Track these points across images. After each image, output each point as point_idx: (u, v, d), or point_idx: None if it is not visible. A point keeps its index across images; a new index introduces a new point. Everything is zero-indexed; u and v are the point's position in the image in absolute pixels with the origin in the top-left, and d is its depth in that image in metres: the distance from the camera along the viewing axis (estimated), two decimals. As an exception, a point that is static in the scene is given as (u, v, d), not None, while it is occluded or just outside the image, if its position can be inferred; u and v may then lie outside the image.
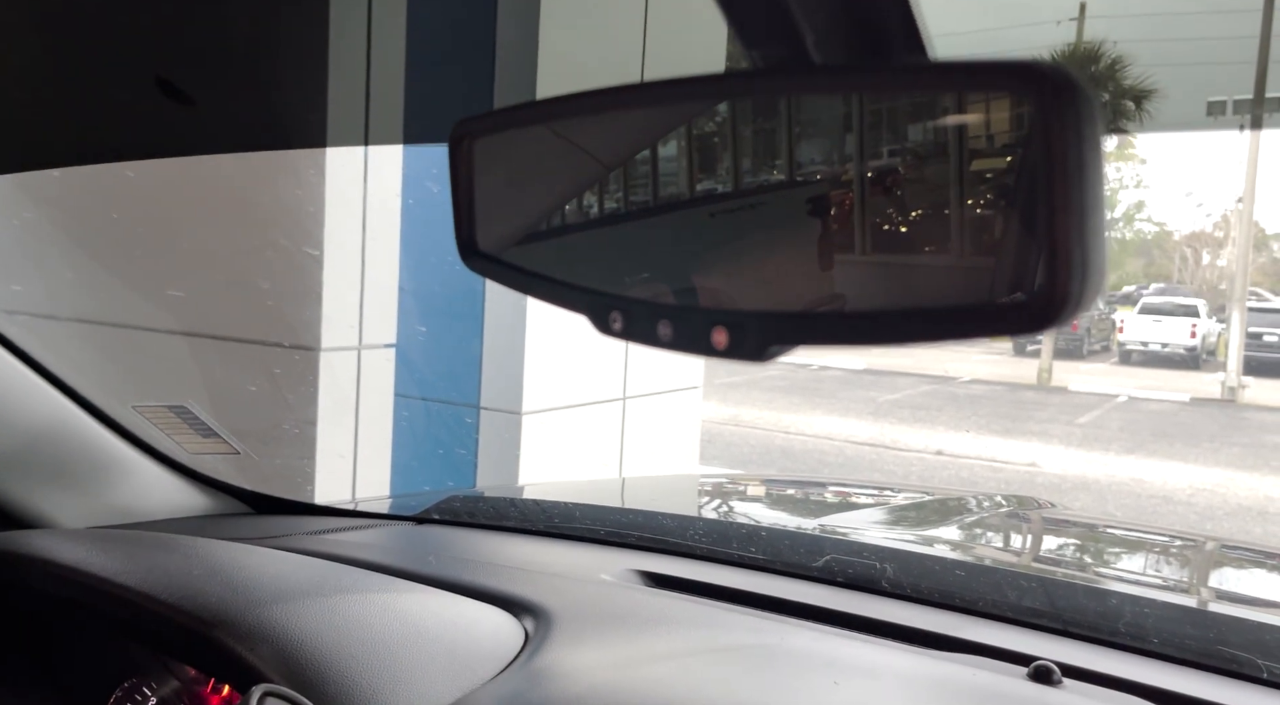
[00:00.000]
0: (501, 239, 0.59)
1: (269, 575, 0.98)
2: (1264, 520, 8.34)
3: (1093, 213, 0.32)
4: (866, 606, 1.15)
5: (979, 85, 0.36)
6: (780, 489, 2.32)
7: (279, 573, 1.00)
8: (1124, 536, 1.91)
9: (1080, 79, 0.32)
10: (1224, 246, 30.92)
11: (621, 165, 0.54)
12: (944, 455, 10.21)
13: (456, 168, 0.58)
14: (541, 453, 4.56)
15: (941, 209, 0.37)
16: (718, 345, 0.42)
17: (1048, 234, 0.32)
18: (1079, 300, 0.32)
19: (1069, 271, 0.32)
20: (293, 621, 0.86)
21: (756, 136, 0.49)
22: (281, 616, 0.87)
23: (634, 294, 0.49)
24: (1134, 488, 9.21)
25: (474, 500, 1.60)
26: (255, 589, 0.92)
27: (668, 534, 1.37)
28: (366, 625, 0.89)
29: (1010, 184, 0.35)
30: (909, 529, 1.65)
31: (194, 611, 0.88)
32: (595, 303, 0.50)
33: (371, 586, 1.00)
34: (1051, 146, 0.32)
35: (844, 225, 0.41)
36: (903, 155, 0.39)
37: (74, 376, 1.38)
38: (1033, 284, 0.33)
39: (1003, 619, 1.13)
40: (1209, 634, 1.08)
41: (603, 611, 1.07)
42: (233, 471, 1.55)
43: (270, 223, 3.53)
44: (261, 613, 0.87)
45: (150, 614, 0.91)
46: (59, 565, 0.99)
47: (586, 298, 0.51)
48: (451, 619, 0.97)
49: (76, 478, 1.38)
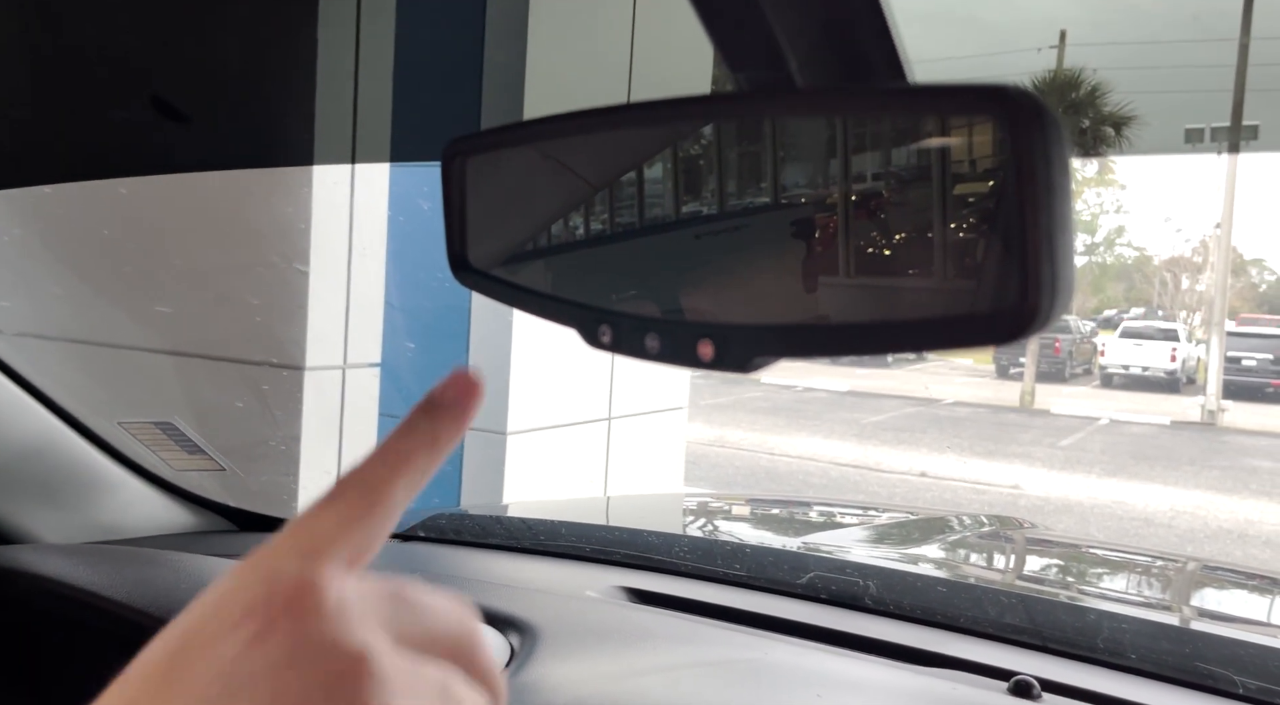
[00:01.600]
0: (492, 255, 0.60)
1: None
2: (1244, 543, 8.40)
3: (1060, 231, 0.34)
4: (850, 623, 1.16)
5: (952, 108, 0.37)
6: (764, 508, 2.33)
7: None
8: (1104, 556, 1.93)
9: (1047, 104, 0.34)
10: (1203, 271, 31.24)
11: (611, 184, 0.55)
12: (928, 477, 10.24)
13: (449, 185, 0.60)
14: (526, 473, 4.55)
15: (923, 230, 0.39)
16: (703, 357, 0.44)
17: (1019, 251, 0.34)
18: (1048, 313, 0.34)
19: (1039, 286, 0.34)
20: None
21: (741, 159, 0.50)
22: (269, 629, 0.87)
23: (622, 308, 0.50)
24: (1116, 510, 9.26)
25: (458, 518, 1.61)
26: (243, 602, 0.92)
27: (652, 551, 1.38)
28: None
29: (990, 206, 0.36)
30: (892, 547, 1.66)
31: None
32: (584, 316, 0.51)
33: (358, 600, 1.00)
34: (1020, 168, 0.34)
35: (828, 246, 0.43)
36: (886, 179, 0.40)
37: (59, 392, 1.38)
38: (1008, 298, 0.35)
39: (984, 635, 1.14)
40: (1185, 649, 1.09)
41: (588, 627, 1.08)
42: (218, 488, 1.55)
43: (255, 241, 3.53)
44: (249, 625, 0.87)
45: (139, 627, 0.91)
46: (46, 579, 0.99)
47: (576, 312, 0.52)
48: (438, 634, 0.97)
49: (60, 494, 1.38)
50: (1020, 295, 0.34)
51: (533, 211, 0.59)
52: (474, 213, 0.60)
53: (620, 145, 0.55)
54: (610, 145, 0.56)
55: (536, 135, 0.58)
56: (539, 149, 0.59)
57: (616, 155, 0.55)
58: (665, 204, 0.53)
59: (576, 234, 0.57)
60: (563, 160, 0.57)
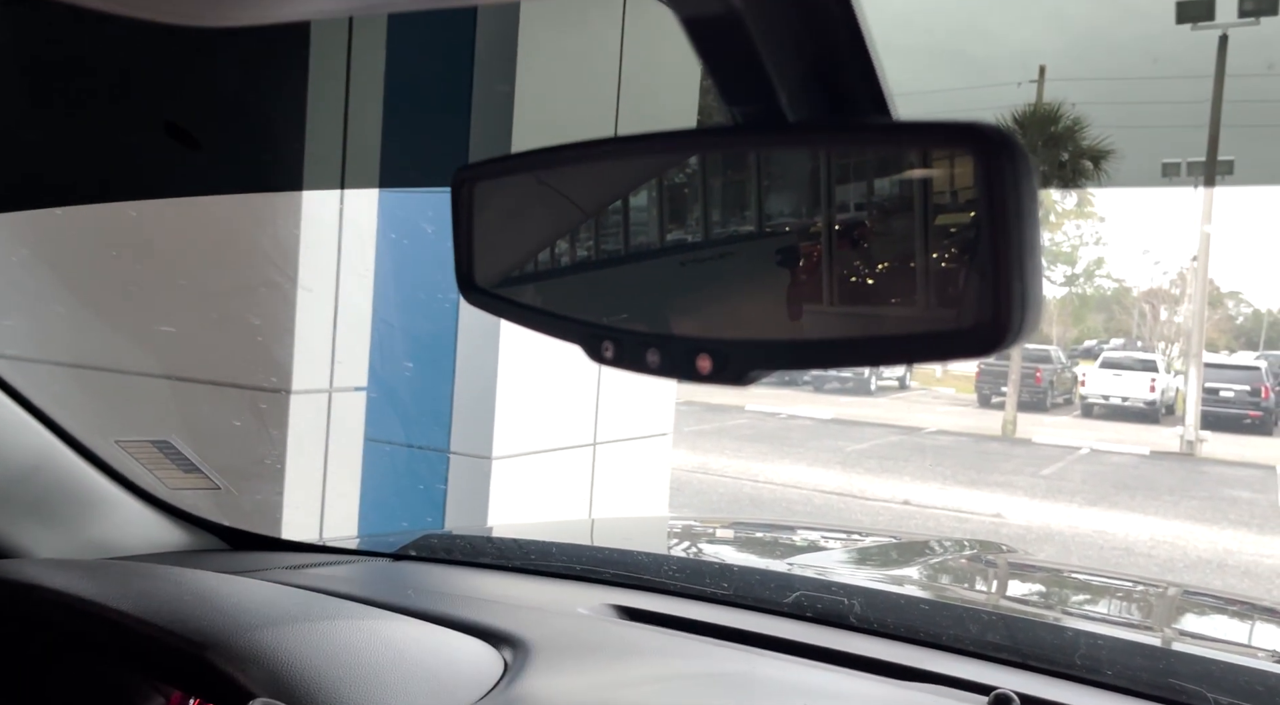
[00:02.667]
0: (498, 276, 0.63)
1: (256, 601, 1.00)
2: (1223, 573, 8.45)
3: (1030, 253, 0.37)
4: (835, 640, 1.19)
5: (930, 142, 0.41)
6: (750, 532, 2.36)
7: (266, 599, 1.02)
8: (1084, 579, 1.97)
9: (1017, 138, 0.37)
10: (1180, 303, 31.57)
11: (612, 210, 0.59)
12: (911, 505, 10.27)
13: (458, 209, 0.63)
14: (511, 498, 4.55)
15: (905, 254, 0.42)
16: (702, 370, 0.47)
17: (992, 271, 0.37)
18: (1020, 328, 0.38)
19: (1010, 304, 0.37)
20: (282, 644, 0.88)
21: (734, 188, 0.54)
22: (272, 640, 0.89)
23: (623, 325, 0.53)
24: (1097, 539, 9.31)
25: (450, 537, 1.63)
26: (245, 614, 0.94)
27: (642, 570, 1.41)
28: (353, 650, 0.91)
29: (965, 232, 0.40)
30: (876, 568, 1.69)
31: (186, 634, 0.90)
32: (587, 333, 0.54)
33: (355, 614, 1.03)
34: (993, 196, 0.37)
35: (816, 269, 0.47)
36: (869, 208, 0.44)
37: (57, 411, 1.40)
38: (984, 314, 0.38)
39: (965, 652, 1.17)
40: (1160, 666, 1.12)
41: (580, 642, 1.10)
42: (210, 507, 1.56)
43: (245, 264, 3.54)
44: (252, 636, 0.89)
45: (142, 637, 0.92)
46: (49, 591, 1.01)
47: (579, 329, 0.55)
48: (433, 647, 1.00)
49: (55, 511, 1.39)
50: (994, 311, 0.37)
51: (537, 235, 0.62)
52: (481, 236, 0.63)
53: (621, 174, 0.59)
54: (612, 174, 0.59)
55: (542, 163, 0.61)
56: (544, 176, 0.62)
57: (617, 183, 0.59)
58: (663, 229, 0.56)
59: (579, 256, 0.60)
60: (566, 187, 0.61)
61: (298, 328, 3.52)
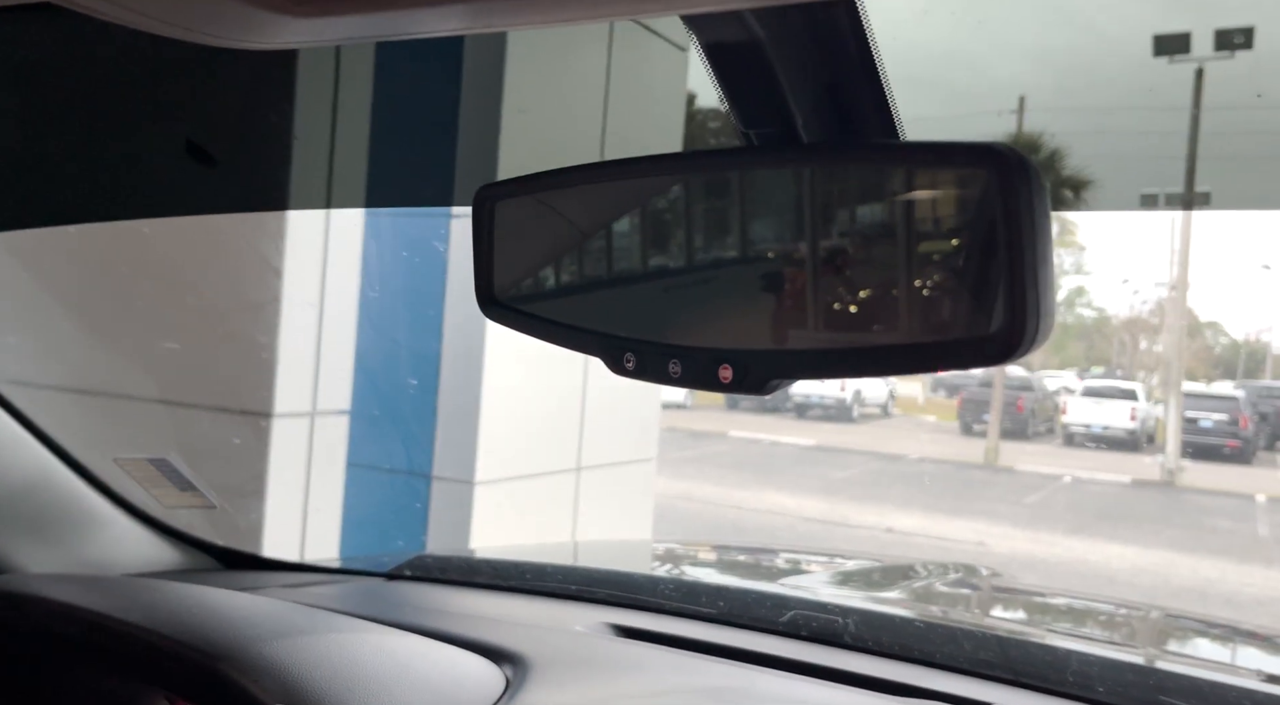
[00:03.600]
0: (517, 291, 0.65)
1: (265, 615, 1.01)
2: (1205, 602, 8.49)
3: (1044, 266, 0.39)
4: (830, 658, 1.20)
5: (949, 163, 0.43)
6: (737, 555, 2.37)
7: (274, 613, 1.03)
8: (1070, 602, 1.99)
9: (1030, 159, 0.40)
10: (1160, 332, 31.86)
11: (630, 226, 0.61)
12: (894, 533, 10.29)
13: (479, 227, 0.65)
14: (494, 523, 4.52)
15: (924, 270, 0.45)
16: (723, 379, 0.49)
17: (1008, 282, 0.39)
18: (1035, 335, 0.40)
19: (1025, 312, 0.39)
20: (293, 657, 0.89)
21: (749, 206, 0.56)
22: (283, 652, 0.90)
23: (644, 337, 0.55)
24: (1079, 568, 9.35)
25: (444, 558, 1.63)
26: (254, 626, 0.95)
27: (637, 590, 1.41)
28: (360, 663, 0.92)
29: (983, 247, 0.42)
30: (867, 589, 1.71)
31: (197, 645, 0.91)
32: (609, 345, 0.56)
33: (360, 629, 1.03)
34: (1009, 211, 0.40)
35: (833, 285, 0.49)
36: (889, 226, 0.46)
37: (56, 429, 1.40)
38: (1000, 322, 0.40)
39: (958, 670, 1.19)
40: (1150, 683, 1.14)
41: (579, 659, 1.11)
42: (206, 525, 1.56)
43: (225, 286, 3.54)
44: (263, 647, 0.90)
45: (153, 649, 0.93)
46: (57, 604, 1.01)
47: (599, 341, 0.57)
48: (437, 662, 1.00)
49: (50, 528, 1.39)
50: (1010, 320, 0.40)
51: (556, 251, 0.64)
52: (501, 253, 0.65)
53: (639, 192, 0.61)
54: (630, 192, 0.61)
55: (561, 182, 0.63)
56: (563, 195, 0.64)
57: (635, 201, 0.61)
58: (680, 244, 0.58)
59: (598, 271, 0.62)
60: (585, 205, 0.63)
61: (279, 351, 3.50)
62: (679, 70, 2.85)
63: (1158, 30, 2.52)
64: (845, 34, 0.50)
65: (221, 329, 3.51)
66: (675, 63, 2.80)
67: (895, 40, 0.63)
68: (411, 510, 4.54)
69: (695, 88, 3.00)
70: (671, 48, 2.76)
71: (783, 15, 0.48)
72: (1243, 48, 2.51)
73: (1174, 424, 17.17)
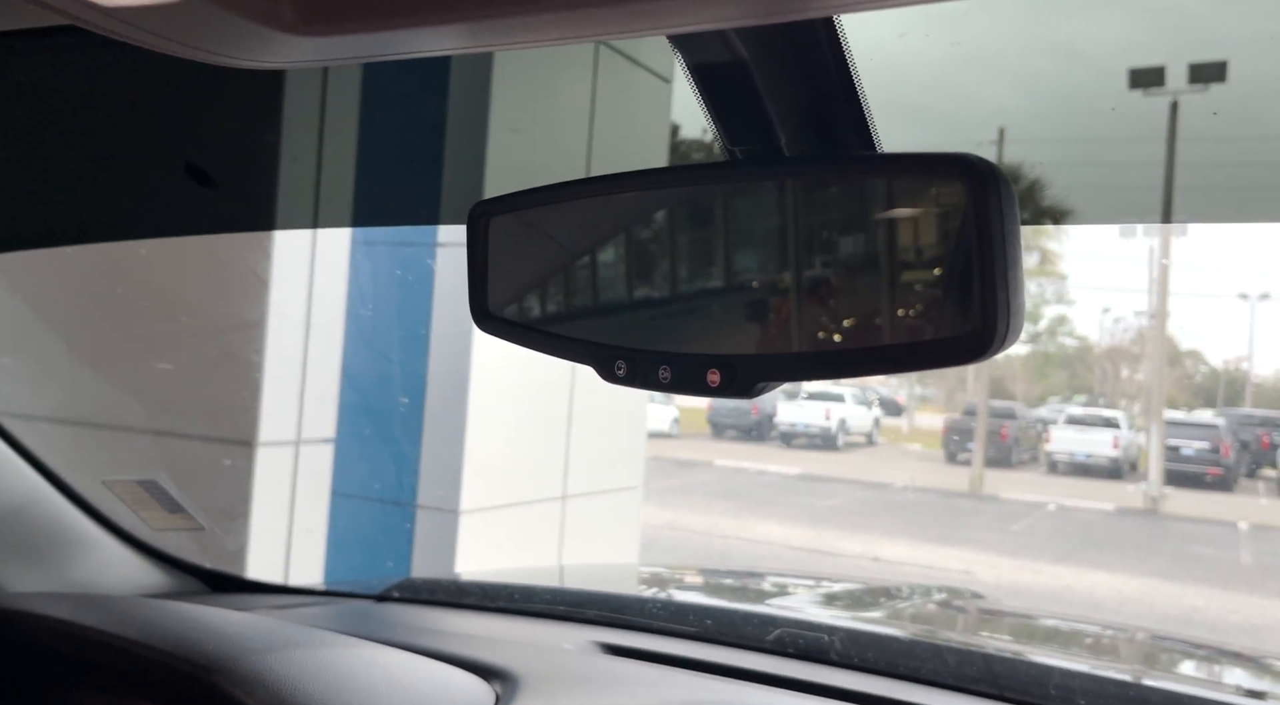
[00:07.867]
0: (511, 304, 0.67)
1: (258, 630, 1.01)
2: (1190, 628, 8.51)
3: (1014, 268, 0.42)
4: (817, 674, 1.21)
5: (924, 173, 0.46)
6: (723, 578, 2.38)
7: (267, 629, 1.03)
8: (1054, 623, 2.00)
9: (1000, 168, 0.42)
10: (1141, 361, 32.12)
11: (621, 239, 0.63)
12: (880, 561, 10.29)
13: (473, 242, 0.67)
14: (478, 552, 4.51)
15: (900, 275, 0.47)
16: (711, 383, 0.51)
17: (980, 284, 0.42)
18: (1006, 333, 0.42)
19: (997, 313, 0.42)
20: (287, 670, 0.90)
21: (732, 218, 0.58)
22: (277, 664, 0.90)
23: (634, 345, 0.57)
24: (1065, 596, 9.36)
25: (433, 580, 1.64)
26: (248, 640, 0.95)
27: (624, 610, 1.42)
28: (353, 677, 0.93)
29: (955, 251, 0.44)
30: (853, 610, 1.72)
31: (191, 659, 0.91)
32: (600, 354, 0.58)
33: (353, 645, 1.04)
34: (980, 218, 0.42)
35: (813, 290, 0.51)
36: (866, 233, 0.49)
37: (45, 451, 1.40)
38: (974, 322, 0.42)
39: (943, 685, 1.20)
40: (1131, 695, 1.16)
41: (569, 675, 1.12)
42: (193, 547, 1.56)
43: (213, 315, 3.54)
44: (257, 660, 0.91)
45: (148, 662, 0.93)
46: (51, 620, 1.01)
47: (592, 350, 0.59)
48: (427, 677, 1.01)
49: (37, 550, 1.39)
50: (983, 320, 0.42)
51: (550, 264, 0.66)
52: (496, 267, 0.67)
53: (630, 207, 0.63)
54: (621, 207, 0.63)
55: (554, 197, 0.65)
56: (555, 211, 0.66)
57: (627, 215, 0.63)
58: (668, 255, 0.60)
59: (589, 284, 0.64)
60: (578, 219, 0.65)
61: (264, 379, 3.50)
62: (663, 102, 2.89)
63: (1134, 64, 2.58)
64: (825, 53, 0.53)
65: (206, 358, 3.51)
66: (659, 94, 2.85)
67: (881, 68, 0.66)
68: (397, 539, 4.52)
69: (678, 118, 3.05)
70: (657, 79, 2.80)
71: (765, 34, 0.50)
72: (1216, 81, 2.55)
73: (1156, 452, 17.27)
